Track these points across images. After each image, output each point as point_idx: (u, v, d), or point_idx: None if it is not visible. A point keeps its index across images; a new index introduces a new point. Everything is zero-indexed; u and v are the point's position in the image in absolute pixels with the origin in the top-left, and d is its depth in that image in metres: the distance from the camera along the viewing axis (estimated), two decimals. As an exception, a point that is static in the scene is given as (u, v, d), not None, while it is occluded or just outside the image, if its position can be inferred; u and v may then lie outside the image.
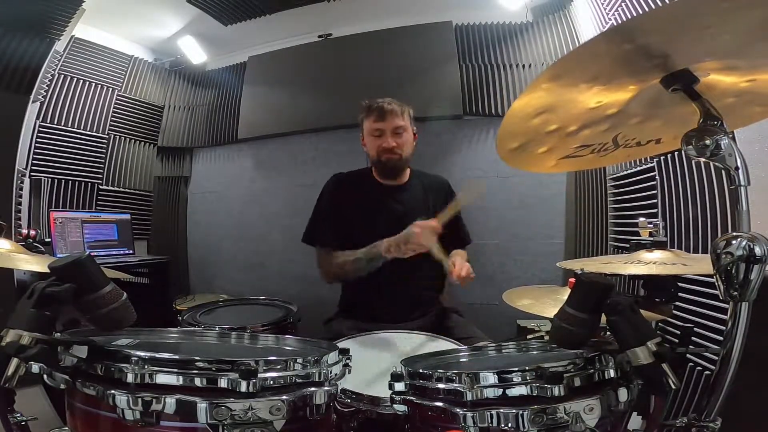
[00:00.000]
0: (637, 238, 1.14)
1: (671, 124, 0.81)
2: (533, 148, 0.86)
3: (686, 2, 0.55)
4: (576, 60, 0.67)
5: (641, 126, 0.82)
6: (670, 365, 0.58)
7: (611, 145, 0.87)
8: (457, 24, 2.71)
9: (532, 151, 0.87)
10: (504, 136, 0.81)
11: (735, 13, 0.54)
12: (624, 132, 0.84)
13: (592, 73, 0.68)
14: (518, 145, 0.85)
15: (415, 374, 0.70)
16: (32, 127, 2.59)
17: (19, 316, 0.58)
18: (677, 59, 0.65)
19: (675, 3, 0.55)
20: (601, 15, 2.10)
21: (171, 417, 0.56)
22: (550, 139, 0.83)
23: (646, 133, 0.86)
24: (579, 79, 0.69)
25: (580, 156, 0.89)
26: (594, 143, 0.86)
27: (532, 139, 0.83)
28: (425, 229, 1.26)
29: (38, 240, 2.03)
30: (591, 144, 0.86)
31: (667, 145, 0.90)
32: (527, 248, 2.51)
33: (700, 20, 0.56)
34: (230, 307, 1.83)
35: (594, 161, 0.92)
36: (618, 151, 0.89)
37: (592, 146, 0.87)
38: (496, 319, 2.06)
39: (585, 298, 0.62)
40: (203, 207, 3.33)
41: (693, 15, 0.56)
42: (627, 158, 0.96)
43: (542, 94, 0.71)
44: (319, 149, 2.93)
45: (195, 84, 3.38)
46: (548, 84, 0.70)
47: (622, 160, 1.05)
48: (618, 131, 0.83)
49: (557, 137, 0.82)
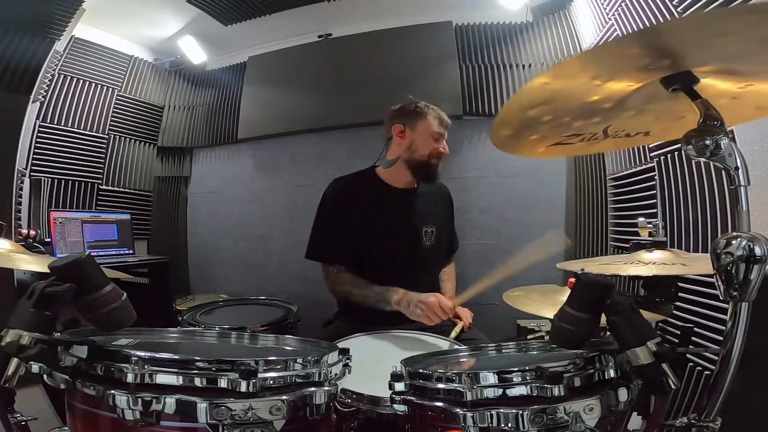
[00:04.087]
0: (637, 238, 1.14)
1: (662, 118, 0.82)
2: (525, 135, 0.87)
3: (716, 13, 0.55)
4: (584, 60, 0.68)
5: (633, 119, 0.83)
6: (670, 365, 0.58)
7: (600, 135, 0.88)
8: (457, 24, 2.71)
9: (524, 138, 0.88)
10: (499, 124, 0.82)
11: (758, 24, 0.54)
12: (615, 124, 0.85)
13: (596, 72, 0.68)
14: (511, 133, 0.85)
15: (415, 374, 0.70)
16: (32, 127, 2.59)
17: (19, 316, 0.58)
18: (684, 62, 0.65)
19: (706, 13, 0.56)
20: (601, 15, 2.10)
21: (171, 417, 0.56)
22: (543, 128, 0.83)
23: (636, 126, 0.87)
24: (582, 77, 0.69)
25: (569, 143, 0.90)
26: (584, 133, 0.87)
27: (526, 127, 0.83)
28: (441, 307, 1.23)
29: (38, 240, 2.03)
30: (581, 134, 0.87)
31: (655, 138, 0.91)
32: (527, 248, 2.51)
33: (719, 28, 0.56)
34: (230, 307, 1.83)
35: (582, 149, 0.93)
36: (607, 140, 0.90)
37: (582, 135, 0.87)
38: (496, 319, 2.06)
39: (585, 298, 0.62)
40: (203, 207, 3.33)
41: (715, 23, 0.56)
42: (615, 147, 0.98)
43: (542, 88, 0.71)
44: (319, 149, 2.93)
45: (195, 84, 3.38)
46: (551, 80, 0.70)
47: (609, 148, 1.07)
48: (609, 123, 0.84)
49: (550, 127, 0.83)
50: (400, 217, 1.51)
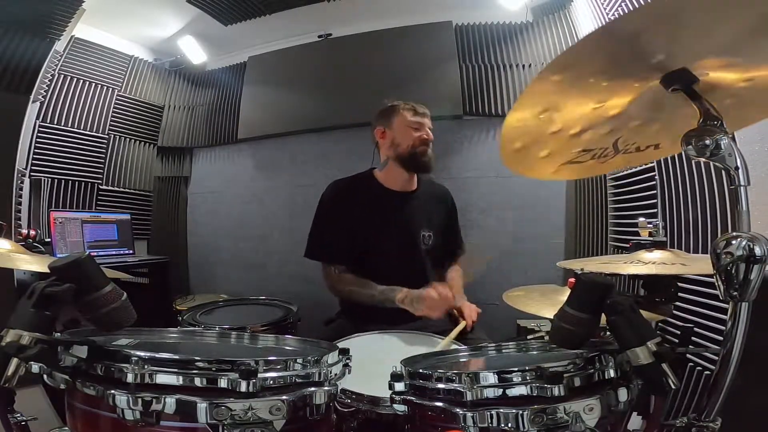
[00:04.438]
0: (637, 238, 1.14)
1: (671, 128, 0.81)
2: (535, 150, 0.86)
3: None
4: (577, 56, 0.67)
5: (641, 129, 0.82)
6: (670, 365, 0.58)
7: (611, 150, 0.87)
8: (457, 24, 2.71)
9: (534, 154, 0.87)
10: (508, 133, 0.81)
11: (737, 9, 0.53)
12: (624, 136, 0.84)
13: (594, 69, 0.68)
14: (521, 146, 0.84)
15: (415, 374, 0.70)
16: (32, 127, 2.59)
17: (19, 316, 0.58)
18: (676, 57, 0.64)
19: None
20: (601, 15, 2.10)
21: (171, 417, 0.56)
22: (552, 141, 0.83)
23: (645, 138, 0.86)
24: (582, 74, 0.69)
25: (580, 162, 0.89)
26: (595, 148, 0.86)
27: (536, 140, 0.83)
28: (441, 299, 1.26)
29: (38, 240, 2.03)
30: (592, 149, 0.86)
31: (665, 151, 0.91)
32: (527, 248, 2.52)
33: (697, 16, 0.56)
34: (230, 307, 1.83)
35: (594, 168, 0.92)
36: (618, 157, 0.89)
37: (593, 151, 0.86)
38: (496, 319, 2.06)
39: (585, 298, 0.62)
40: (203, 207, 3.33)
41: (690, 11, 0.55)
42: (626, 164, 0.96)
43: (548, 87, 0.71)
44: (319, 149, 2.93)
45: (195, 84, 3.38)
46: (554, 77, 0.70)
47: (621, 166, 1.06)
48: (619, 135, 0.83)
49: (559, 139, 0.82)
50: (396, 219, 1.52)
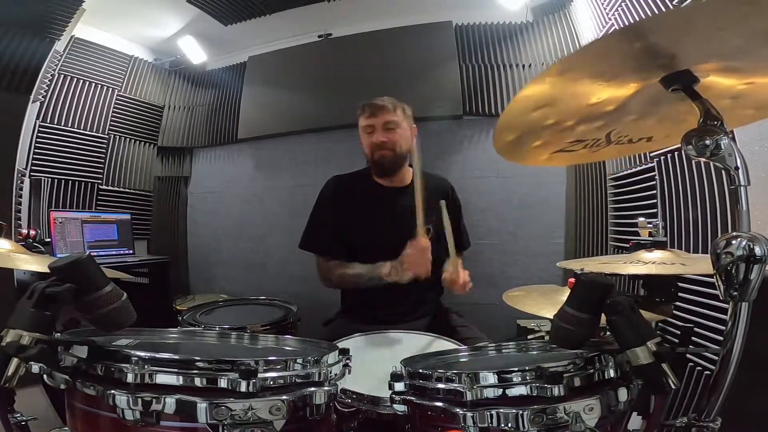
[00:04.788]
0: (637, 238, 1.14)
1: (664, 122, 0.82)
2: (529, 141, 0.86)
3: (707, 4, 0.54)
4: (584, 56, 0.67)
5: (635, 124, 0.83)
6: (670, 365, 0.58)
7: (603, 141, 0.87)
8: (457, 24, 2.71)
9: (527, 144, 0.87)
10: (502, 127, 0.81)
11: (754, 16, 0.53)
12: (618, 129, 0.84)
13: (598, 70, 0.68)
14: (514, 138, 0.85)
15: (414, 374, 0.70)
16: (32, 127, 2.59)
17: (19, 316, 0.58)
18: (682, 59, 0.64)
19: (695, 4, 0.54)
20: (601, 15, 2.10)
21: (171, 417, 0.56)
22: (545, 133, 0.83)
23: (638, 131, 0.86)
24: (584, 75, 0.69)
25: (572, 151, 0.90)
26: (587, 139, 0.86)
27: (529, 132, 0.83)
28: (418, 251, 1.25)
29: (38, 240, 2.03)
30: (584, 140, 0.86)
31: (658, 143, 0.91)
32: (527, 248, 2.52)
33: (714, 21, 0.56)
34: (230, 307, 1.83)
35: (586, 156, 0.93)
36: (610, 147, 0.89)
37: (585, 142, 0.87)
38: (496, 319, 2.06)
39: (585, 298, 0.62)
40: (203, 207, 3.33)
41: (709, 16, 0.55)
42: (618, 155, 0.97)
43: (546, 87, 0.71)
44: (319, 149, 2.93)
45: (195, 84, 3.38)
46: (553, 78, 0.70)
47: (613, 156, 1.06)
48: (612, 128, 0.84)
49: (553, 131, 0.83)
50: (389, 215, 1.51)
